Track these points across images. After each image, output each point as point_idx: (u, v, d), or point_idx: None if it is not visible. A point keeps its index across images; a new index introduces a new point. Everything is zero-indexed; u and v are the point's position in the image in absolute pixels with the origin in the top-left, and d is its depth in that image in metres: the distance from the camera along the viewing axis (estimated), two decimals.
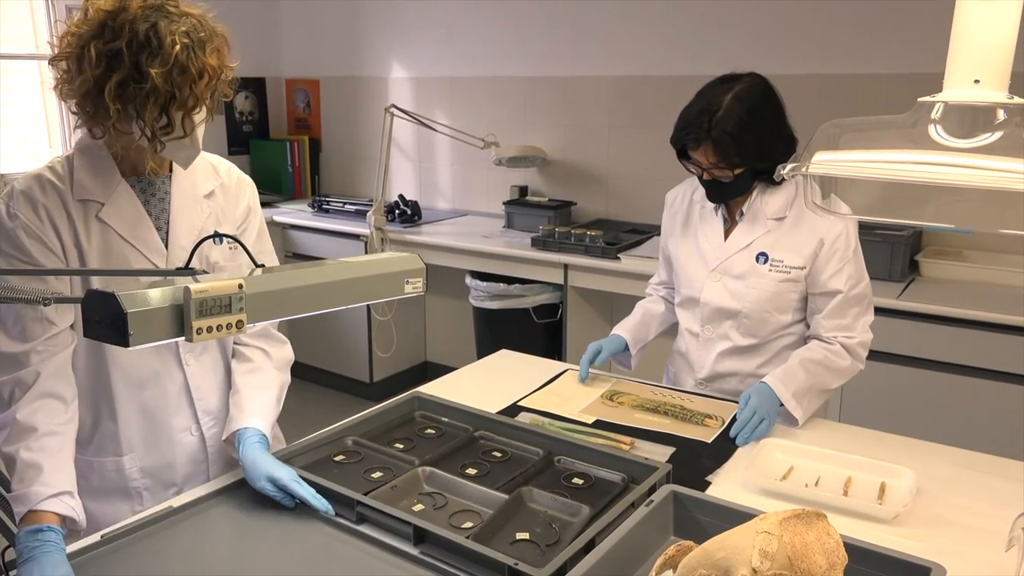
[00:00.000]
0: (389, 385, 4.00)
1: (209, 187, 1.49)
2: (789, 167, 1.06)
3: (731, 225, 1.80)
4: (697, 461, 1.53)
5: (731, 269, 1.78)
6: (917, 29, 2.93)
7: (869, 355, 1.77)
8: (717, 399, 1.82)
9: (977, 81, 0.93)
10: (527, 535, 1.25)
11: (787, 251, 1.73)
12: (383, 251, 3.00)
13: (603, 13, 3.65)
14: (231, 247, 1.49)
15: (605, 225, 3.59)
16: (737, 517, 1.14)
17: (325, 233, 3.99)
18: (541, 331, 3.55)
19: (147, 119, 1.25)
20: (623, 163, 3.75)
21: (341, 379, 4.16)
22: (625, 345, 1.94)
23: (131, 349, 0.95)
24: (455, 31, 4.11)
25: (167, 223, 1.44)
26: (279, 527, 1.30)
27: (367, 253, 3.71)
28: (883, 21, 3.01)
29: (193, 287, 0.97)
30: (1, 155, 3.91)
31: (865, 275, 1.74)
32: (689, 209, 1.88)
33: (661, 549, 1.18)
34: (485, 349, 3.46)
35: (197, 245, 1.26)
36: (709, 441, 1.62)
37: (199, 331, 0.97)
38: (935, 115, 0.96)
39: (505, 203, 3.89)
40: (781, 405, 1.67)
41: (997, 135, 0.94)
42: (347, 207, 4.11)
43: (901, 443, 1.64)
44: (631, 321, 2.00)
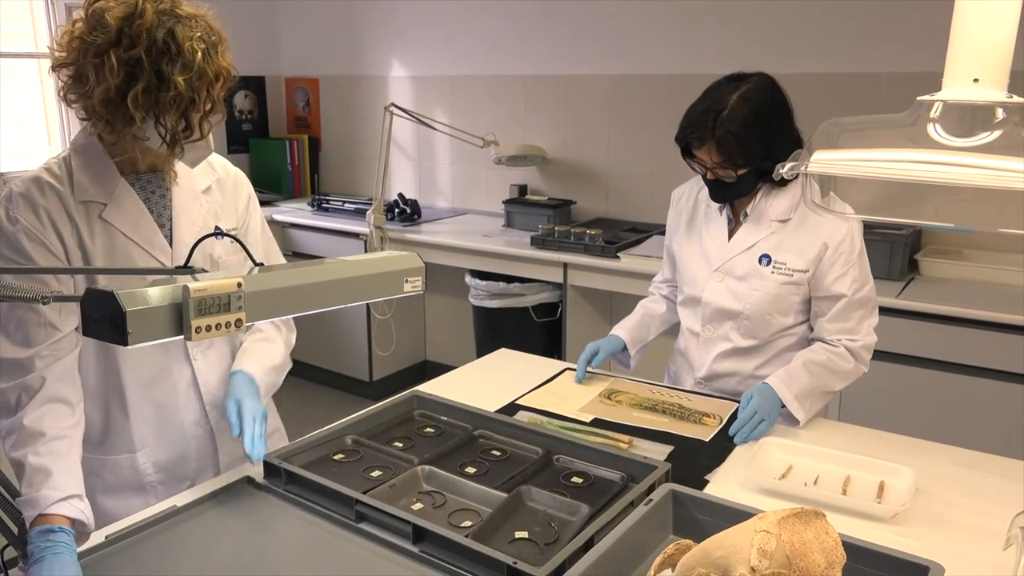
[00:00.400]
0: (388, 384, 4.00)
1: (206, 183, 1.51)
2: (788, 166, 1.06)
3: (735, 225, 1.80)
4: (695, 460, 1.54)
5: (734, 270, 1.77)
6: (917, 28, 2.93)
7: None
8: (715, 398, 1.82)
9: (976, 80, 0.93)
10: (526, 534, 1.25)
11: (791, 254, 1.72)
12: (382, 250, 3.00)
13: (603, 12, 3.65)
14: (232, 240, 1.50)
15: (605, 224, 3.59)
16: (736, 516, 1.14)
17: (324, 232, 3.99)
18: (540, 330, 3.56)
19: (168, 124, 1.26)
20: (623, 162, 3.75)
21: (340, 378, 4.16)
22: (624, 346, 1.94)
23: (136, 347, 0.95)
24: (455, 30, 4.11)
25: (170, 220, 1.45)
26: (279, 526, 1.30)
27: (366, 252, 3.71)
28: (883, 20, 3.01)
29: (192, 286, 0.97)
30: (1, 154, 3.91)
31: (870, 278, 1.73)
32: (694, 208, 1.87)
33: (660, 548, 1.18)
34: (485, 348, 3.46)
35: (197, 242, 1.26)
36: (707, 440, 1.62)
37: (198, 330, 0.97)
38: (934, 114, 0.96)
39: (505, 202, 3.89)
40: (783, 406, 1.67)
41: (996, 134, 0.94)
42: (347, 206, 4.11)
43: (900, 442, 1.64)
44: (631, 321, 1.99)
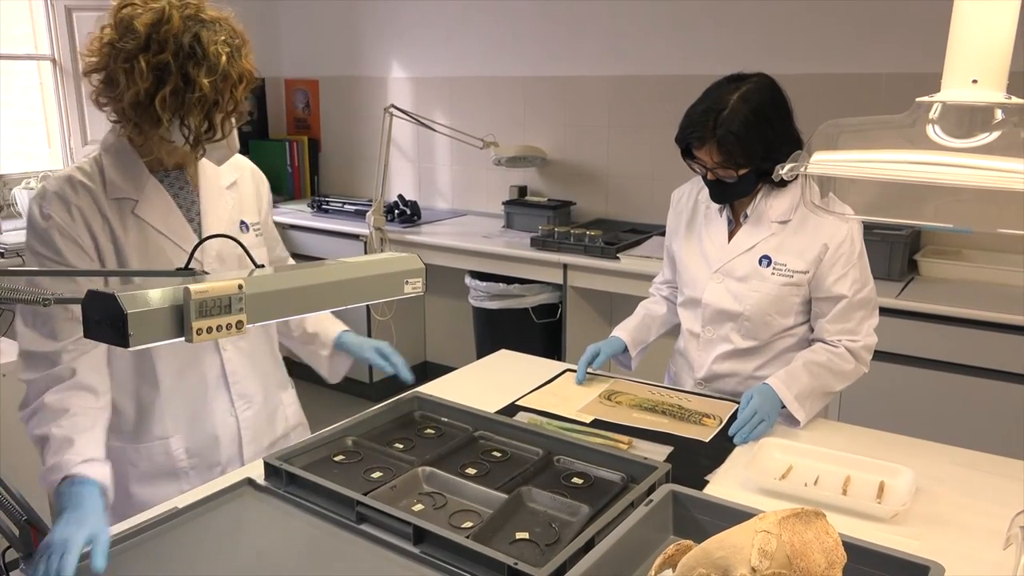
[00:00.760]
0: (389, 385, 3.99)
1: (231, 178, 1.58)
2: (788, 167, 1.06)
3: (735, 227, 1.79)
4: (695, 460, 1.54)
5: (734, 271, 1.77)
6: (916, 29, 2.94)
7: None
8: (715, 398, 1.82)
9: (975, 81, 0.93)
10: (527, 535, 1.26)
11: (791, 255, 1.72)
12: (382, 251, 3.00)
13: (602, 13, 3.65)
14: (257, 234, 1.60)
15: (604, 225, 3.59)
16: (736, 516, 1.14)
17: (324, 233, 3.99)
18: (540, 331, 3.56)
19: (192, 125, 1.32)
20: (622, 163, 3.75)
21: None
22: (625, 347, 1.94)
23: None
24: (454, 31, 4.11)
25: (198, 215, 1.51)
26: (280, 527, 1.30)
27: (366, 253, 3.71)
28: (882, 21, 3.02)
29: (193, 287, 0.97)
30: (1, 155, 3.91)
31: (870, 279, 1.73)
32: (694, 209, 1.87)
33: (660, 548, 1.18)
34: (484, 349, 3.47)
35: (199, 244, 1.27)
36: (707, 440, 1.62)
37: (199, 331, 0.97)
38: (933, 115, 0.97)
39: (504, 203, 3.89)
40: (783, 407, 1.67)
41: (995, 135, 0.94)
42: (346, 207, 4.11)
43: (900, 442, 1.64)
44: (632, 322, 1.99)
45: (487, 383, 1.94)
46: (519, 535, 1.25)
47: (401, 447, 1.56)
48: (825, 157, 1.04)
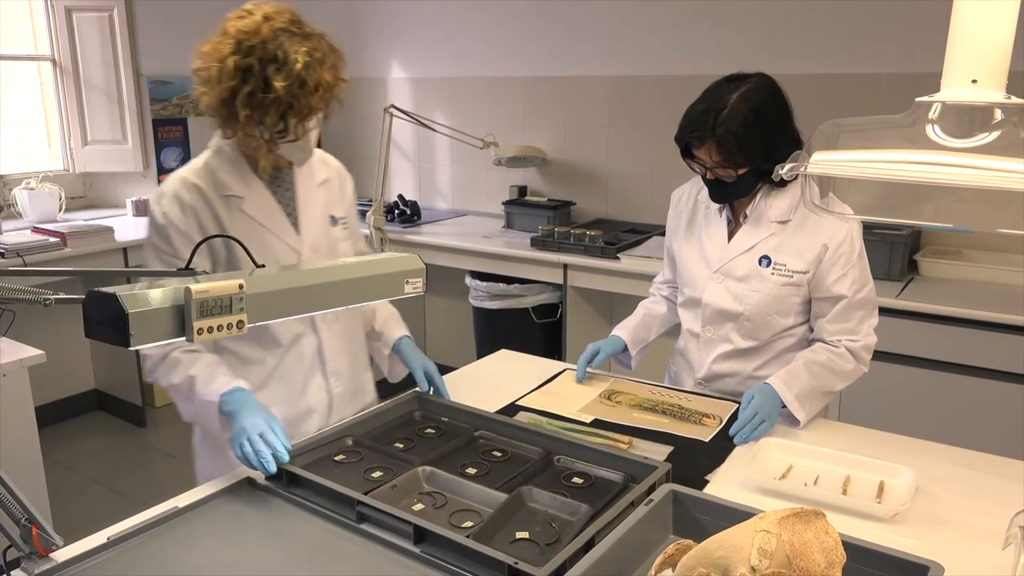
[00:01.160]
0: (389, 385, 4.00)
1: (324, 176, 1.73)
2: (788, 167, 1.06)
3: (735, 227, 1.79)
4: (695, 460, 1.54)
5: (734, 271, 1.77)
6: (916, 29, 2.94)
7: None
8: (715, 398, 1.82)
9: (975, 81, 0.93)
10: (527, 534, 1.26)
11: (790, 255, 1.72)
12: (383, 251, 3.00)
13: (602, 13, 3.66)
14: (344, 227, 1.76)
15: (604, 225, 3.59)
16: (736, 516, 1.14)
17: None
18: (541, 331, 3.56)
19: (267, 124, 1.47)
20: (622, 163, 3.75)
21: None
22: (624, 346, 1.94)
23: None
24: (454, 31, 4.11)
25: (295, 210, 1.66)
26: (281, 527, 1.30)
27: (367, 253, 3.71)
28: (881, 21, 3.02)
29: (194, 287, 0.97)
30: (1, 156, 3.91)
31: (870, 279, 1.73)
32: (694, 209, 1.87)
33: (660, 548, 1.18)
34: (485, 349, 3.47)
35: (199, 244, 1.27)
36: (707, 440, 1.63)
37: (199, 331, 0.98)
38: (933, 115, 0.97)
39: (504, 203, 3.89)
40: (783, 407, 1.67)
41: (995, 135, 0.94)
42: None
43: (900, 442, 1.64)
44: (632, 322, 1.99)
45: (487, 383, 1.94)
46: (519, 535, 1.25)
47: (401, 447, 1.56)
48: (825, 157, 1.04)
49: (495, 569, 1.14)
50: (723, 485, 1.44)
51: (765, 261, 1.74)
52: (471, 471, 1.46)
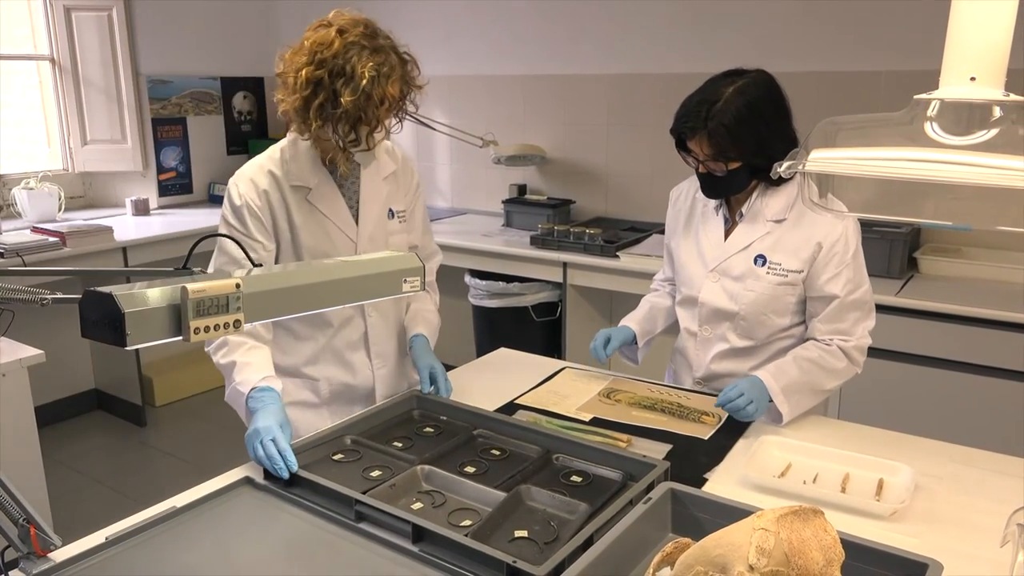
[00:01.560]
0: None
1: (390, 169, 1.82)
2: (786, 165, 1.06)
3: (732, 225, 1.79)
4: (694, 458, 1.54)
5: (730, 270, 1.77)
6: (915, 27, 2.93)
7: (868, 352, 1.76)
8: (714, 396, 1.81)
9: (973, 78, 0.93)
10: (525, 533, 1.26)
11: (785, 254, 1.71)
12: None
13: (601, 11, 3.65)
14: (401, 220, 1.83)
15: (604, 223, 3.59)
16: (735, 514, 1.14)
17: None
18: (540, 329, 3.56)
19: (340, 133, 1.56)
20: (622, 161, 3.75)
21: None
22: (633, 337, 1.93)
23: None
24: (453, 30, 4.11)
25: (357, 202, 1.75)
26: (279, 526, 1.30)
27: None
28: (881, 19, 3.01)
29: (190, 287, 0.97)
30: (0, 155, 3.91)
31: (865, 280, 1.72)
32: (692, 207, 1.87)
33: (659, 546, 1.18)
34: (484, 347, 3.47)
35: (196, 244, 1.27)
36: (706, 438, 1.62)
37: (196, 331, 0.97)
38: (931, 112, 0.96)
39: (504, 202, 3.89)
40: (770, 400, 1.66)
41: (993, 132, 0.94)
42: None
43: (899, 440, 1.64)
44: (638, 314, 1.98)
45: (486, 381, 1.94)
46: (518, 533, 1.25)
47: (400, 446, 1.56)
48: (823, 155, 1.04)
49: (494, 568, 1.14)
50: (722, 483, 1.44)
51: (760, 260, 1.73)
52: (470, 470, 1.46)
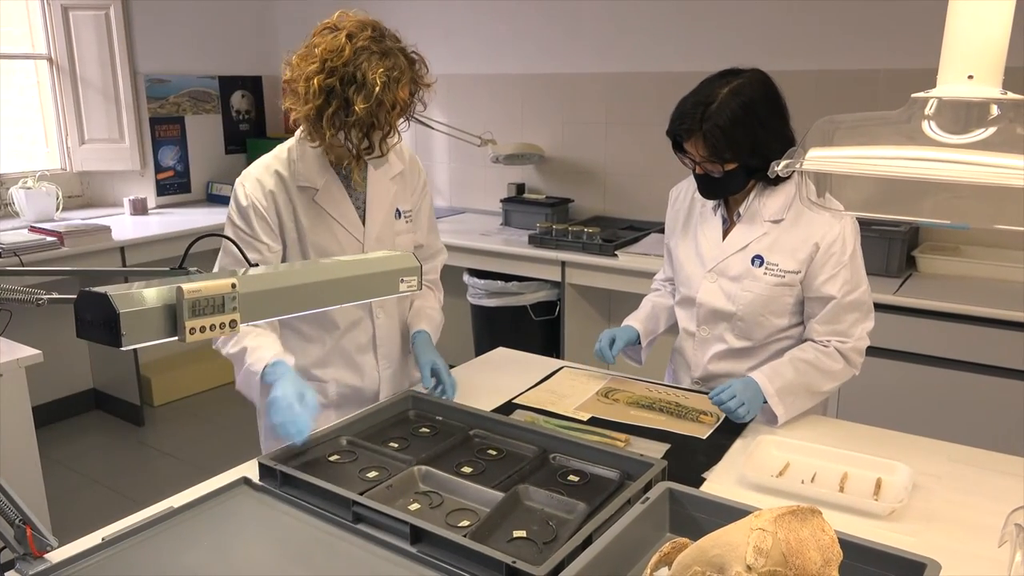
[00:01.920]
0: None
1: (397, 169, 1.82)
2: (783, 164, 1.06)
3: (730, 225, 1.78)
4: (692, 458, 1.53)
5: (727, 270, 1.76)
6: (913, 25, 2.93)
7: (866, 351, 1.76)
8: None
9: (971, 77, 0.93)
10: (524, 533, 1.25)
11: (783, 255, 1.71)
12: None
13: (599, 10, 3.65)
14: (407, 220, 1.84)
15: (602, 222, 3.59)
16: (732, 514, 1.14)
17: None
18: (539, 328, 3.55)
19: (354, 141, 1.57)
20: (620, 160, 3.75)
21: None
22: (637, 336, 1.93)
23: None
24: (452, 29, 4.10)
25: (364, 203, 1.77)
26: (276, 527, 1.30)
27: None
28: (879, 17, 3.01)
29: (186, 287, 0.96)
30: None
31: (863, 281, 1.71)
32: (690, 207, 1.86)
33: (656, 546, 1.18)
34: (483, 347, 3.46)
35: (192, 243, 1.26)
36: (704, 438, 1.62)
37: (192, 331, 0.97)
38: (929, 111, 0.96)
39: (502, 201, 3.88)
40: (765, 401, 1.66)
41: (991, 130, 0.94)
42: None
43: (897, 439, 1.64)
44: (641, 314, 1.97)
45: (485, 381, 1.94)
46: (516, 533, 1.25)
47: (397, 446, 1.56)
48: (821, 153, 1.04)
49: (493, 568, 1.13)
50: (720, 483, 1.44)
51: (758, 261, 1.73)
52: (467, 470, 1.46)
